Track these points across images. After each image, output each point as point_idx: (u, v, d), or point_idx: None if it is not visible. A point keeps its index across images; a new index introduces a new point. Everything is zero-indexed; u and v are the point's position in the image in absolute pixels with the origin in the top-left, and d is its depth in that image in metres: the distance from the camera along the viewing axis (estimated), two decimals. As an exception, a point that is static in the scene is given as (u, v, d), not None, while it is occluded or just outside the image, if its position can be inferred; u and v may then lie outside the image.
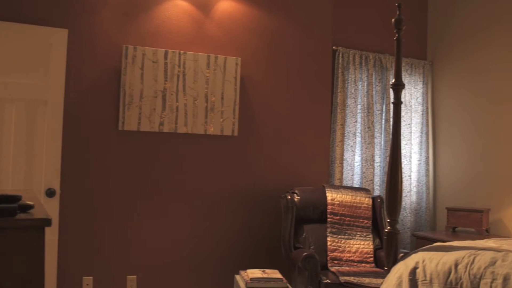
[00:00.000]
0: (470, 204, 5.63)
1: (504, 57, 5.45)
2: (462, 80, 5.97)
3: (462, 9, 6.01)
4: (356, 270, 4.62)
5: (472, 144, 5.77)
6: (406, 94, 6.10)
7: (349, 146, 5.70)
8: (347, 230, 4.95)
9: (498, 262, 2.55)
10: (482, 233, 5.18)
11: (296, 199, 4.97)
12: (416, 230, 6.01)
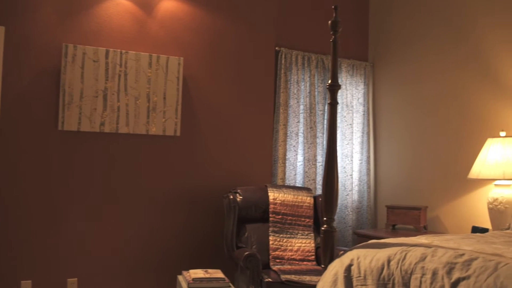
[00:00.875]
0: (409, 202, 5.77)
1: (439, 61, 5.62)
2: (401, 82, 6.12)
3: (401, 15, 6.16)
4: (297, 268, 4.68)
5: (411, 144, 5.93)
6: (348, 94, 6.20)
7: (292, 146, 5.76)
8: (289, 229, 5.01)
9: (428, 257, 2.62)
10: (420, 230, 5.32)
11: (239, 198, 4.99)
12: (358, 228, 6.12)
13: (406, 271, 2.65)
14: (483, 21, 5.22)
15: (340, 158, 6.12)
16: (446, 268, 2.50)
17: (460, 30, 5.44)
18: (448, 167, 5.45)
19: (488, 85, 5.13)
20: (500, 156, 4.50)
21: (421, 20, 5.89)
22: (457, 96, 5.42)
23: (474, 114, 5.23)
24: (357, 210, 6.21)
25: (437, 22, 5.70)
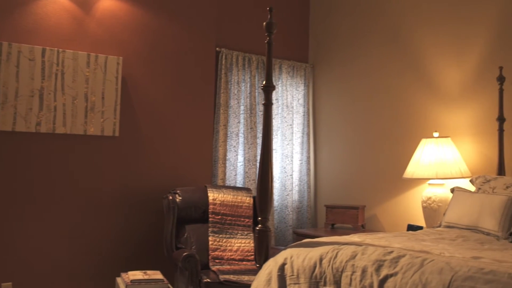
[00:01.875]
0: (348, 201, 5.88)
1: (377, 63, 5.77)
2: (340, 83, 6.23)
3: (341, 17, 6.28)
4: (236, 268, 4.69)
5: (350, 144, 6.04)
6: (288, 95, 6.27)
7: (232, 146, 5.78)
8: (228, 229, 5.02)
9: (358, 255, 2.68)
10: (358, 229, 5.42)
11: (178, 199, 4.98)
12: (298, 228, 6.19)
13: (337, 269, 2.71)
14: (419, 25, 5.37)
15: (280, 159, 6.17)
16: (375, 266, 2.56)
17: (397, 34, 5.58)
18: (384, 167, 5.58)
19: (423, 87, 5.28)
20: (433, 156, 4.63)
21: (360, 23, 6.02)
22: (394, 97, 5.56)
23: (410, 115, 5.38)
24: (298, 210, 6.28)
25: (375, 24, 5.83)
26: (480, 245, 3.26)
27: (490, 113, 4.70)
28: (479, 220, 3.80)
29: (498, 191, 4.03)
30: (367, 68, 5.89)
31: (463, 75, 4.97)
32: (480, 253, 2.81)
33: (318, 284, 2.77)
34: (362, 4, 6.03)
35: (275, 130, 6.15)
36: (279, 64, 6.22)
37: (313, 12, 6.67)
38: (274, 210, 6.07)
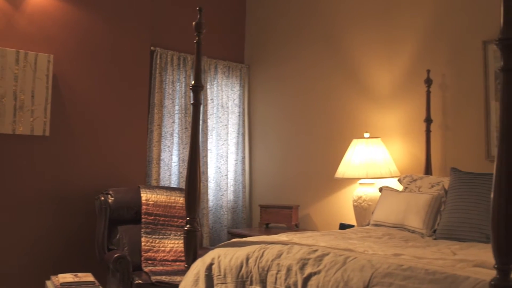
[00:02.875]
0: (283, 201, 5.93)
1: (310, 64, 5.85)
2: (275, 84, 6.28)
3: (276, 18, 6.33)
4: (169, 269, 4.67)
5: (284, 145, 6.10)
6: (223, 96, 6.27)
7: (167, 146, 5.74)
8: (161, 230, 4.99)
9: (284, 254, 2.72)
10: (292, 228, 5.47)
11: (110, 200, 4.91)
12: (233, 228, 6.20)
13: (263, 268, 2.73)
14: (351, 27, 5.48)
15: (215, 159, 6.17)
16: (300, 264, 2.59)
17: (330, 35, 5.67)
18: (317, 167, 5.66)
19: (355, 88, 5.39)
20: (364, 157, 4.73)
21: (295, 23, 6.09)
22: (327, 98, 5.65)
23: (342, 115, 5.48)
24: (233, 210, 6.29)
25: (310, 25, 5.91)
26: (404, 242, 3.35)
27: (418, 115, 4.83)
28: (405, 218, 3.90)
29: (424, 190, 4.16)
30: (301, 69, 5.96)
31: (393, 77, 5.10)
32: (403, 250, 2.89)
33: (244, 283, 2.79)
34: (296, 5, 6.10)
35: (210, 130, 6.14)
36: (215, 64, 6.22)
37: (249, 12, 6.70)
38: (209, 210, 6.06)
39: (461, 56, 4.62)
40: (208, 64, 6.10)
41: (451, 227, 3.56)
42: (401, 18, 5.08)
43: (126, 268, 4.39)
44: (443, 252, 2.89)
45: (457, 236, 3.49)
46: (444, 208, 3.76)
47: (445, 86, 4.75)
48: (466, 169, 3.93)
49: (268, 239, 3.08)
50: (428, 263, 2.40)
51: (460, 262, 2.45)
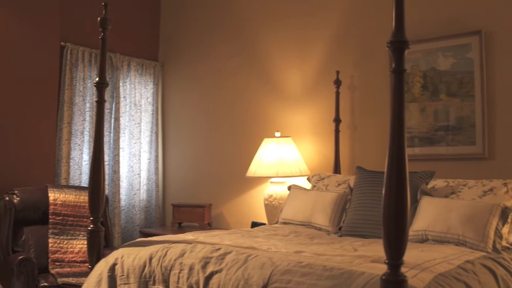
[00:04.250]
0: (196, 200, 5.91)
1: (224, 64, 5.87)
2: (189, 82, 6.25)
3: (191, 17, 6.29)
4: (77, 270, 4.55)
5: (198, 143, 6.08)
6: (137, 93, 6.18)
7: (77, 144, 5.59)
8: (70, 230, 4.85)
9: (187, 253, 2.71)
10: (204, 227, 5.47)
11: (16, 200, 4.73)
12: (146, 227, 6.12)
13: (166, 268, 2.71)
14: (263, 26, 5.53)
15: (128, 157, 6.07)
16: (202, 263, 2.59)
17: (243, 34, 5.70)
18: (230, 166, 5.68)
19: (267, 88, 5.45)
20: (275, 156, 4.78)
21: (209, 23, 6.08)
22: (239, 97, 5.68)
23: (254, 114, 5.52)
24: (146, 209, 6.21)
25: (223, 24, 5.92)
26: (310, 240, 3.41)
27: (328, 115, 4.94)
28: (312, 216, 3.98)
29: (331, 188, 4.25)
30: (215, 68, 5.96)
31: (304, 77, 5.19)
32: (306, 247, 2.94)
33: (147, 283, 2.76)
34: (211, 3, 6.09)
35: (123, 129, 6.03)
36: (128, 61, 6.11)
37: (164, 10, 6.62)
38: (121, 210, 5.95)
39: (369, 58, 4.76)
40: (121, 61, 5.98)
41: (355, 224, 3.66)
42: (312, 19, 5.17)
43: (31, 271, 4.24)
44: (345, 248, 2.96)
45: (361, 232, 3.59)
46: (349, 206, 3.86)
47: (354, 87, 4.87)
48: (373, 168, 4.04)
49: (173, 238, 3.06)
50: (327, 260, 2.45)
51: (358, 258, 2.52)
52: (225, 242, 2.94)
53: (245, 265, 2.45)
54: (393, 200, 1.90)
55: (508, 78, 4.10)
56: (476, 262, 2.80)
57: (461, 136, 4.27)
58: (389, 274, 1.93)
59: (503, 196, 3.47)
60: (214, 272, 2.51)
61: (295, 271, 2.31)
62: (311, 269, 2.30)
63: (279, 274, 2.32)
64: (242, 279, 2.39)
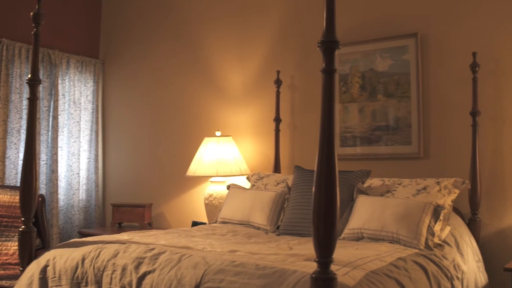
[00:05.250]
0: (137, 199, 5.84)
1: (166, 63, 5.81)
2: (130, 81, 6.16)
3: (133, 14, 6.20)
4: (11, 273, 4.43)
5: (138, 142, 6.01)
6: (76, 91, 6.05)
7: (13, 143, 5.42)
8: (4, 231, 4.72)
9: (120, 254, 2.67)
10: (145, 227, 5.40)
11: None
12: (86, 228, 6.01)
13: (99, 269, 2.66)
14: (206, 26, 5.51)
15: (67, 157, 5.94)
16: (135, 263, 2.56)
17: (185, 33, 5.67)
18: (171, 165, 5.64)
19: (208, 87, 5.44)
20: (215, 155, 4.77)
21: (151, 21, 6.01)
22: (181, 96, 5.65)
23: (195, 114, 5.51)
24: (85, 209, 6.09)
25: (165, 23, 5.87)
26: (247, 239, 3.41)
27: (268, 114, 4.96)
28: (250, 215, 3.98)
29: (270, 187, 4.27)
30: (156, 66, 5.91)
31: (245, 77, 5.20)
32: (242, 246, 2.94)
33: (79, 285, 2.70)
34: (153, 1, 6.02)
35: (61, 127, 5.89)
36: (67, 58, 5.97)
37: (105, 6, 6.51)
38: (60, 210, 5.82)
39: (309, 58, 4.80)
40: (59, 58, 5.85)
41: (293, 223, 3.69)
42: (254, 19, 5.18)
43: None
44: (281, 247, 2.97)
45: (298, 231, 3.61)
46: (287, 205, 3.88)
47: (294, 87, 4.91)
48: (312, 167, 4.05)
49: (107, 239, 3.01)
50: (261, 259, 2.46)
51: (292, 257, 2.54)
52: (160, 242, 2.91)
53: (178, 265, 2.43)
54: (322, 199, 1.91)
55: (442, 80, 4.21)
56: (408, 259, 2.86)
57: (398, 136, 4.35)
58: (319, 272, 1.94)
59: (436, 194, 3.55)
60: (147, 273, 2.48)
61: (228, 270, 2.31)
62: (244, 268, 2.30)
63: (212, 274, 2.31)
64: (175, 279, 2.37)
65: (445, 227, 3.45)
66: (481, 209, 3.91)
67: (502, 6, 4.00)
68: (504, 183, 3.95)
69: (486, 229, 3.96)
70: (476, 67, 3.96)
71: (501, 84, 4.00)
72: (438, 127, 4.22)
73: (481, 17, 4.08)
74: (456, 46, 4.17)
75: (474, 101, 3.95)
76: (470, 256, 3.50)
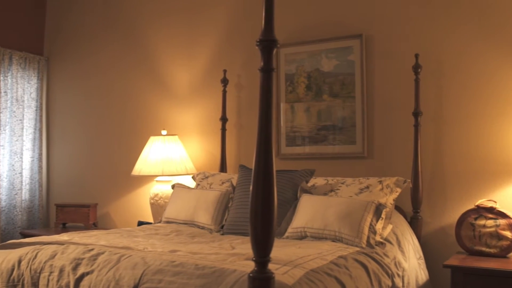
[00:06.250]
0: (83, 199, 5.73)
1: (112, 61, 5.73)
2: (76, 78, 6.04)
3: (79, 11, 6.07)
4: None
5: (84, 141, 5.90)
6: (19, 89, 5.89)
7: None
8: None
9: (58, 255, 2.61)
10: (90, 227, 5.31)
11: None
12: (29, 228, 5.86)
13: (36, 270, 2.60)
14: (153, 24, 5.46)
15: (9, 156, 5.78)
16: (73, 264, 2.51)
17: (132, 31, 5.60)
18: (116, 164, 5.56)
19: (155, 86, 5.39)
20: (161, 154, 4.73)
21: (98, 19, 5.89)
22: (127, 95, 5.58)
23: (141, 112, 5.45)
24: (28, 210, 5.94)
25: (113, 21, 5.78)
26: (190, 238, 3.39)
27: (215, 113, 4.95)
28: (195, 215, 3.96)
29: (215, 186, 4.26)
30: (103, 64, 5.80)
31: (192, 75, 5.17)
32: (184, 246, 2.92)
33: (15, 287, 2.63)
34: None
35: (3, 125, 5.71)
36: (9, 54, 5.80)
37: (51, 2, 6.36)
38: (1, 210, 5.66)
39: (255, 57, 4.77)
40: (1, 54, 5.69)
41: (237, 222, 3.69)
42: (202, 17, 5.16)
43: None
44: (223, 247, 2.97)
45: (242, 231, 3.61)
46: (232, 204, 3.88)
47: (240, 86, 4.91)
48: (258, 166, 4.07)
49: (46, 239, 2.94)
50: (201, 258, 2.45)
51: (233, 256, 2.53)
52: (101, 242, 2.86)
53: (117, 265, 2.40)
54: (259, 198, 1.92)
55: (386, 81, 4.28)
56: (349, 257, 2.89)
57: (343, 135, 4.40)
58: (256, 271, 1.94)
59: (378, 193, 3.61)
60: (85, 274, 2.44)
61: (167, 270, 2.28)
62: (183, 268, 2.28)
63: (150, 274, 2.29)
64: (113, 280, 2.33)
65: (387, 225, 3.51)
66: (422, 208, 3.99)
67: (445, 9, 4.08)
68: (445, 182, 4.03)
69: (428, 227, 4.05)
70: (418, 69, 4.04)
71: (443, 85, 4.09)
72: (382, 127, 4.28)
73: (424, 20, 4.16)
74: (400, 47, 4.24)
75: (416, 101, 4.02)
76: (411, 254, 3.56)
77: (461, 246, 3.68)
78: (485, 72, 3.93)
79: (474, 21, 3.98)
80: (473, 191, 3.93)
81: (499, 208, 3.58)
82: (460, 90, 4.02)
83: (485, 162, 3.89)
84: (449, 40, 4.06)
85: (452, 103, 4.04)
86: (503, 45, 3.87)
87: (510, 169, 3.78)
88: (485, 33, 3.94)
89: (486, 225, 3.57)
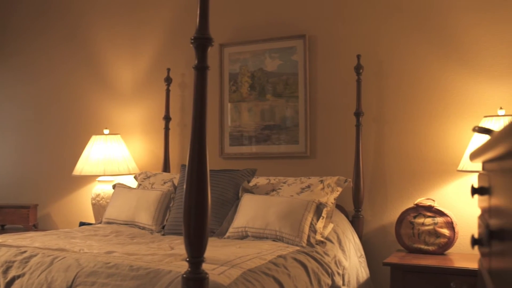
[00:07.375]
0: (22, 200, 5.58)
1: (53, 59, 5.59)
2: (14, 76, 5.85)
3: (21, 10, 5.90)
4: None
5: (23, 141, 5.74)
6: (-45, 86, 5.72)
7: None
8: None
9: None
10: (30, 229, 5.18)
11: None
12: (-35, 231, 5.68)
13: None
14: (96, 22, 5.37)
15: None
16: (4, 267, 2.44)
17: (75, 30, 5.48)
18: (58, 164, 5.44)
19: (97, 85, 5.30)
20: (102, 153, 4.66)
21: (40, 16, 5.72)
22: (68, 94, 5.47)
23: (83, 112, 5.35)
24: (-36, 211, 5.75)
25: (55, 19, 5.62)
26: (130, 239, 3.34)
27: (158, 112, 4.90)
28: (135, 215, 3.91)
29: (156, 186, 4.21)
30: (43, 62, 5.64)
31: (135, 74, 5.11)
32: (121, 247, 2.87)
33: None
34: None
35: None
36: None
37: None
38: None
39: (199, 57, 4.76)
40: None
41: (178, 222, 3.65)
42: (146, 16, 5.09)
43: None
44: (161, 247, 2.93)
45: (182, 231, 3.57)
46: (173, 204, 3.84)
47: (184, 85, 4.88)
48: (200, 166, 4.04)
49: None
50: (136, 260, 2.41)
51: (170, 257, 2.50)
52: (35, 244, 2.79)
53: (49, 268, 2.34)
54: (193, 197, 1.90)
55: (328, 81, 4.31)
56: (289, 256, 2.90)
57: (286, 135, 4.41)
58: (190, 272, 1.92)
59: (319, 192, 3.62)
60: (16, 277, 2.37)
61: (100, 272, 2.24)
62: (117, 270, 2.24)
63: (83, 276, 2.24)
64: (45, 283, 2.27)
65: (328, 224, 3.54)
66: (364, 206, 4.04)
67: (386, 11, 4.14)
68: (385, 181, 4.09)
69: (369, 225, 4.10)
70: (360, 69, 4.08)
71: (384, 86, 4.14)
72: (325, 127, 4.31)
73: (366, 21, 4.20)
74: (342, 48, 4.28)
75: (358, 102, 4.06)
76: (352, 252, 3.60)
77: (400, 244, 3.74)
78: (423, 73, 4.00)
79: (414, 23, 4.05)
80: (412, 190, 3.99)
81: (437, 207, 3.64)
82: (399, 90, 4.08)
83: (424, 162, 3.96)
84: (390, 42, 4.12)
85: (392, 104, 4.10)
86: (441, 47, 3.95)
87: (448, 168, 3.85)
88: (425, 36, 4.00)
89: (424, 223, 3.64)
